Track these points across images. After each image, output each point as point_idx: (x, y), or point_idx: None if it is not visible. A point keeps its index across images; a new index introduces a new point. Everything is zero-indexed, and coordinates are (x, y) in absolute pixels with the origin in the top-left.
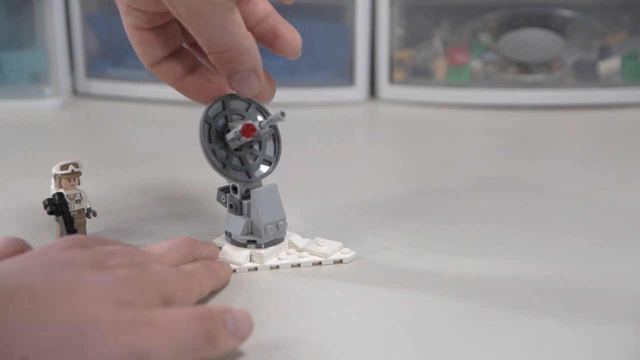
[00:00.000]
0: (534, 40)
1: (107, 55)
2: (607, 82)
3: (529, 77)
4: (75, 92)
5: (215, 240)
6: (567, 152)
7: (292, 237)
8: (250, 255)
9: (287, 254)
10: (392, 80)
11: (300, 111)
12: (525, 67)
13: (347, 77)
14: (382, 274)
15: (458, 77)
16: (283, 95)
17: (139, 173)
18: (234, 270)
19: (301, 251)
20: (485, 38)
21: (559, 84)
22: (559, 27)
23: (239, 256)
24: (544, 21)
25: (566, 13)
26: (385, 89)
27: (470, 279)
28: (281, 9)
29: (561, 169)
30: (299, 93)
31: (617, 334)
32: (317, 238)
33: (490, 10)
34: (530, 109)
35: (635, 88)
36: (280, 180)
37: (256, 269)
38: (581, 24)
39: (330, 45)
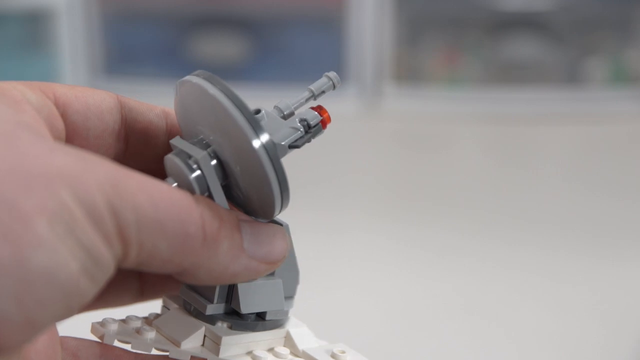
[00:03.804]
0: (525, 43)
1: (124, 60)
2: (594, 87)
3: (520, 83)
4: None
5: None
6: (556, 156)
7: (294, 328)
8: (205, 337)
9: (270, 352)
10: (390, 83)
11: None
12: (516, 73)
13: (343, 81)
14: None
15: (456, 81)
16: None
17: None
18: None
19: (297, 357)
20: (480, 42)
21: (547, 89)
22: (548, 32)
23: (184, 332)
24: (534, 26)
25: (554, 17)
26: (383, 91)
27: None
28: (279, 17)
29: (553, 174)
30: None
31: (617, 336)
32: (340, 344)
33: (485, 14)
34: (521, 113)
35: (621, 91)
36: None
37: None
38: (569, 29)
39: (328, 48)
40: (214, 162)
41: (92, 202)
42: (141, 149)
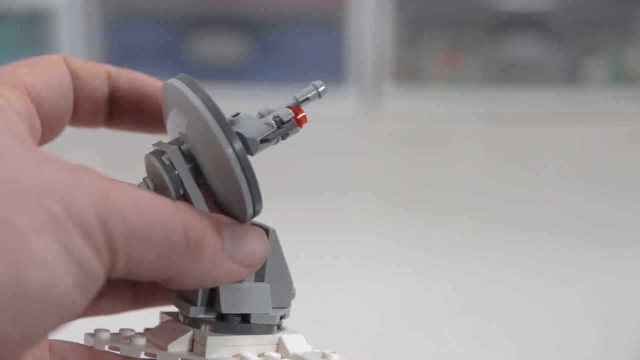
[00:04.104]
0: (525, 43)
1: (124, 60)
2: (594, 87)
3: (520, 83)
4: None
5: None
6: (556, 156)
7: (288, 335)
8: (193, 341)
9: (261, 356)
10: (390, 83)
11: None
12: (516, 73)
13: (343, 81)
14: None
15: (456, 81)
16: (281, 104)
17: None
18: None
19: (287, 358)
20: (480, 42)
21: (547, 89)
22: (548, 32)
23: (171, 337)
24: (534, 26)
25: (554, 17)
26: (383, 91)
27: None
28: (275, 18)
29: (553, 174)
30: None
31: (617, 336)
32: (334, 350)
33: (485, 14)
34: (521, 113)
35: (621, 91)
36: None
37: None
38: (569, 29)
39: (328, 48)
40: (191, 164)
41: (82, 216)
42: (86, 113)
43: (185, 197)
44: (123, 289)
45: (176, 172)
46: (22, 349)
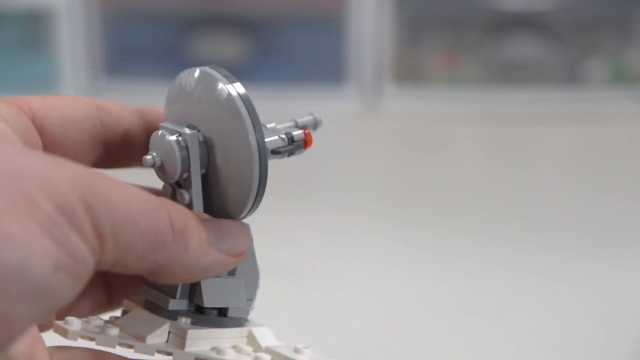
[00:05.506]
0: (525, 43)
1: (124, 60)
2: (594, 87)
3: (520, 83)
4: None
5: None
6: (556, 156)
7: (256, 329)
8: (169, 333)
9: (234, 349)
10: (390, 83)
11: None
12: (516, 73)
13: (343, 81)
14: None
15: (456, 81)
16: (281, 104)
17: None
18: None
19: (260, 352)
20: (480, 42)
21: (547, 89)
22: (548, 32)
23: (148, 328)
24: (534, 26)
25: (554, 17)
26: (383, 91)
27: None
28: (275, 18)
29: (553, 174)
30: (294, 98)
31: (617, 336)
32: (302, 346)
33: (485, 14)
34: (521, 113)
35: (621, 91)
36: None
37: (170, 355)
38: (569, 29)
39: (328, 48)
40: (201, 143)
41: (64, 199)
42: (120, 150)
43: (184, 183)
44: (98, 290)
45: (188, 155)
46: (5, 333)
